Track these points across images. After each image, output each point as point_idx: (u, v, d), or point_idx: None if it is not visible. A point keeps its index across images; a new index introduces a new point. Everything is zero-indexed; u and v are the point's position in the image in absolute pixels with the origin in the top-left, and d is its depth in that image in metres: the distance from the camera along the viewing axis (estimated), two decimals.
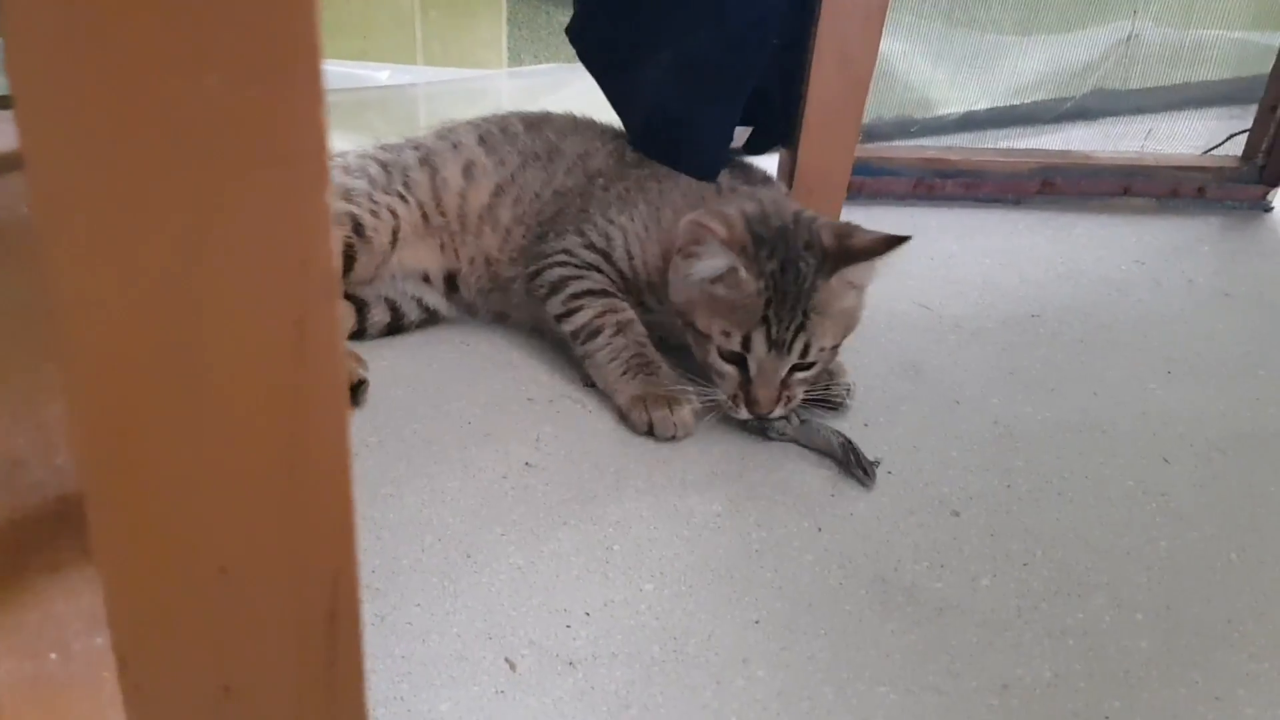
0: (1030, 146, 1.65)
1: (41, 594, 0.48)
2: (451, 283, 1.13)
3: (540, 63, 1.53)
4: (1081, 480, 0.94)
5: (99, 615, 0.46)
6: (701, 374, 0.98)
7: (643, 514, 0.86)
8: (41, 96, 0.27)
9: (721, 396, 0.95)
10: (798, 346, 0.92)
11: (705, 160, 1.16)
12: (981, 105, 1.77)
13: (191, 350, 0.30)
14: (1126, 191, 1.55)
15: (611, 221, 1.06)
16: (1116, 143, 1.66)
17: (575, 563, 0.80)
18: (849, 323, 0.97)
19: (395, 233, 1.08)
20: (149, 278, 0.29)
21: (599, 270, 1.05)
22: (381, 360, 1.04)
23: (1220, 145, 1.60)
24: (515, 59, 1.51)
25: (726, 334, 0.93)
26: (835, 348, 0.96)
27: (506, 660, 0.71)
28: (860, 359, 1.10)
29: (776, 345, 0.91)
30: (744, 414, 0.94)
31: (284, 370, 0.31)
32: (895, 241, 0.94)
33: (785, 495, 0.89)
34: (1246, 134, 1.56)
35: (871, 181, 1.50)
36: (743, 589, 0.79)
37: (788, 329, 0.91)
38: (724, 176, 1.11)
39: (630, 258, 1.05)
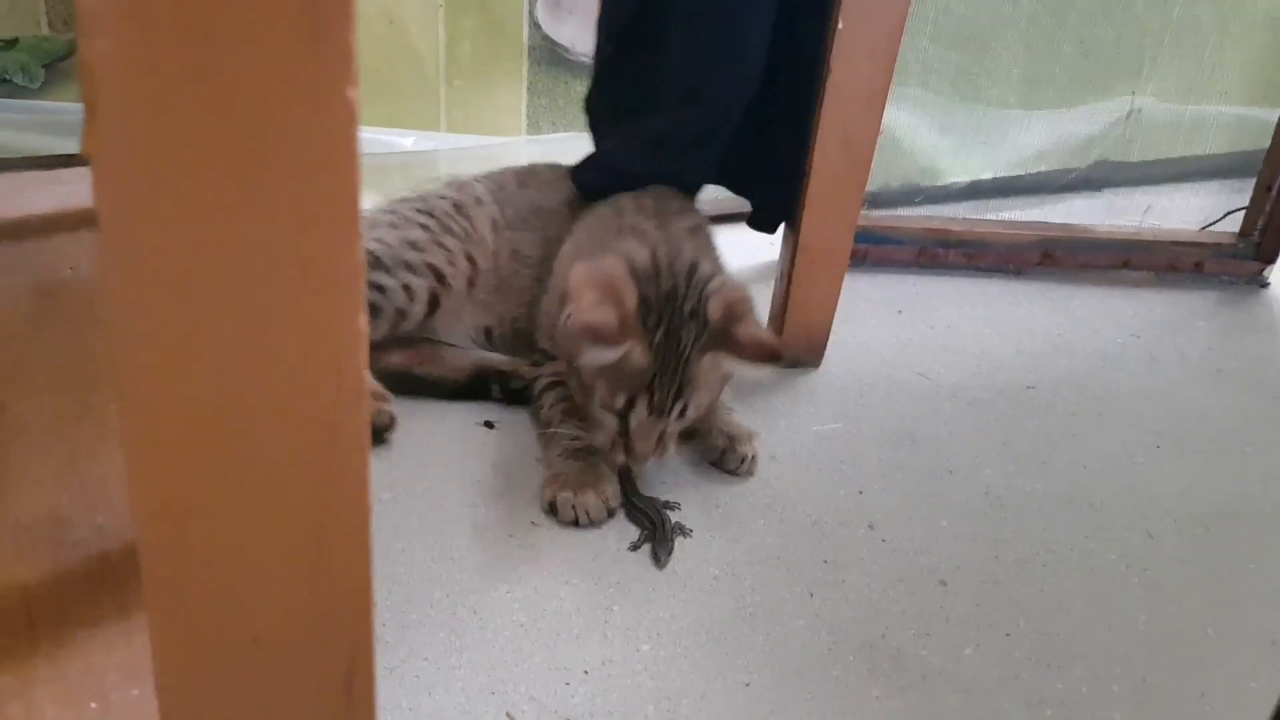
0: (1034, 217, 1.70)
1: (82, 647, 0.52)
2: (489, 336, 1.18)
3: (558, 130, 1.59)
4: (1067, 552, 0.98)
5: (136, 668, 0.51)
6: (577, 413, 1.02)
7: (642, 576, 0.90)
8: (126, 222, 0.31)
9: (599, 439, 0.98)
10: (676, 409, 0.95)
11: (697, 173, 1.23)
12: (986, 175, 1.82)
13: (240, 446, 0.35)
14: (1125, 265, 1.60)
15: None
16: (1117, 216, 1.71)
17: (576, 622, 0.84)
18: (726, 380, 1.01)
19: (470, 278, 1.13)
20: (208, 384, 0.33)
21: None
22: (399, 414, 1.08)
23: (1218, 222, 1.64)
24: (534, 126, 1.57)
25: (612, 394, 0.94)
26: (713, 401, 1.00)
27: (508, 715, 0.75)
28: (857, 426, 1.14)
29: (657, 409, 0.94)
30: (620, 460, 0.97)
31: (317, 466, 0.35)
32: (773, 357, 0.95)
33: (780, 561, 0.93)
34: (1243, 211, 1.61)
35: (876, 250, 1.55)
36: (735, 651, 0.82)
37: (668, 395, 0.94)
38: (630, 206, 1.13)
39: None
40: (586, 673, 0.79)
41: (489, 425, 1.10)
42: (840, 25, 1.09)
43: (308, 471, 0.35)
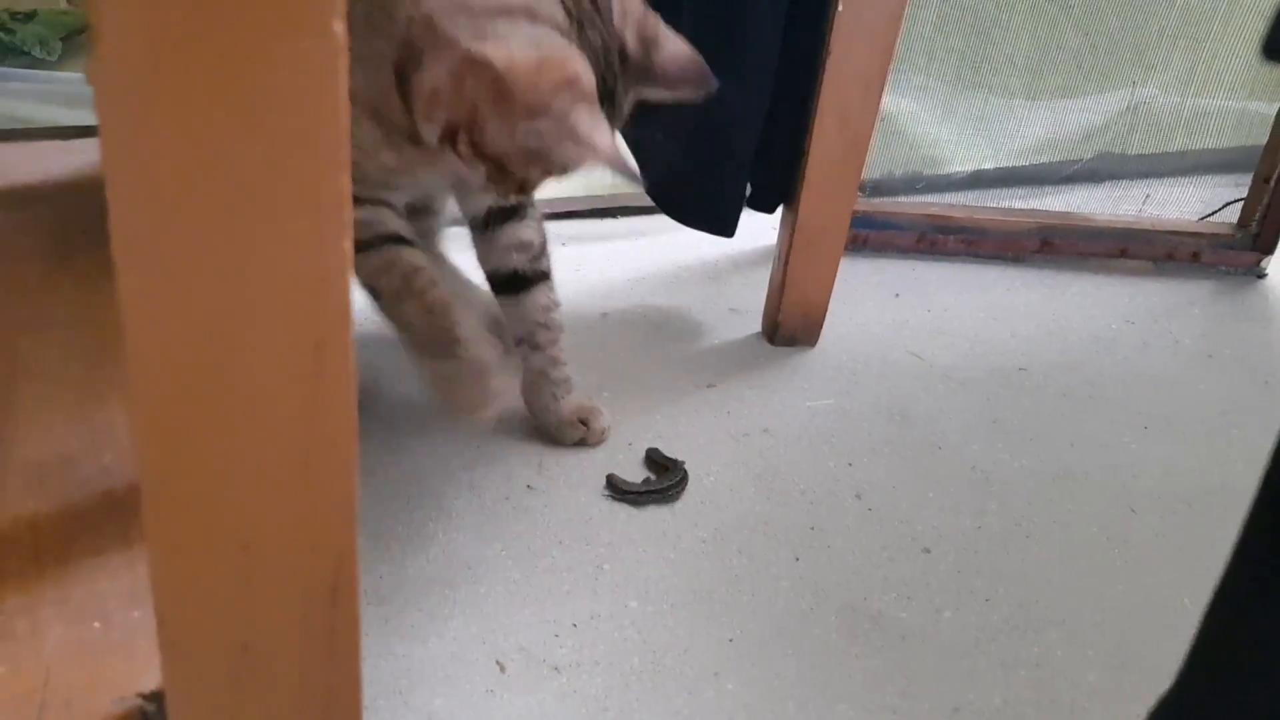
0: (1035, 206, 1.71)
1: (87, 573, 0.55)
2: None
3: None
4: (1049, 525, 1.00)
5: (137, 594, 0.53)
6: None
7: (633, 537, 0.92)
8: (126, 143, 0.34)
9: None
10: None
11: (725, 220, 1.25)
12: (989, 165, 1.83)
13: (232, 364, 0.37)
14: (1123, 254, 1.61)
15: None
16: (1116, 206, 1.72)
17: (567, 579, 0.87)
18: None
19: None
20: (202, 300, 0.36)
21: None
22: (401, 386, 1.11)
23: (1217, 212, 1.66)
24: None
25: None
26: None
27: (497, 663, 0.77)
28: (849, 402, 1.17)
29: None
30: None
31: (305, 384, 0.38)
32: (702, 79, 0.82)
33: (768, 527, 0.95)
34: (1242, 202, 1.62)
35: (876, 235, 1.57)
36: (721, 610, 0.85)
37: None
38: None
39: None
40: (575, 626, 0.82)
41: None
42: (840, 8, 1.11)
43: (296, 386, 0.38)
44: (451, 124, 0.75)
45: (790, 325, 1.27)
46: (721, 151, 1.22)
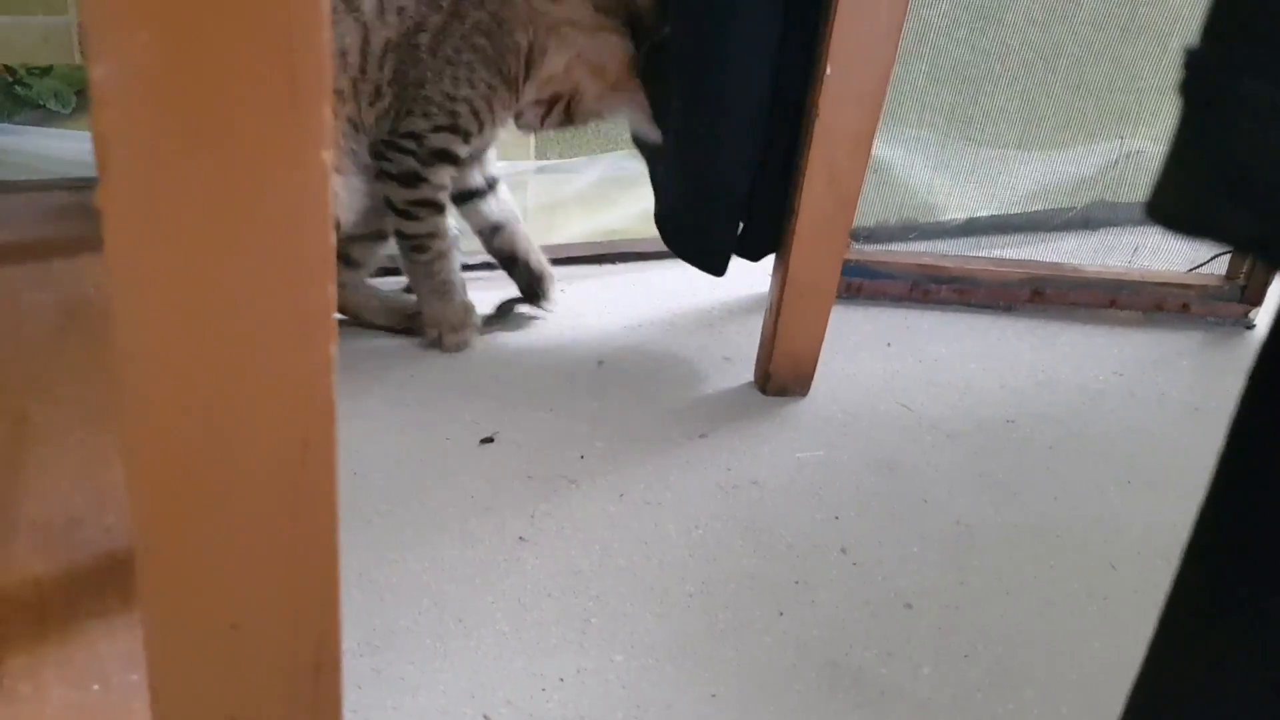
0: (1027, 254, 1.74)
1: (89, 635, 0.58)
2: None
3: (564, 158, 1.66)
4: (1030, 581, 1.02)
5: (135, 656, 0.56)
6: None
7: (620, 590, 0.95)
8: (131, 264, 0.37)
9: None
10: None
11: (716, 259, 1.29)
12: (983, 212, 1.86)
13: (225, 456, 0.40)
14: (1113, 304, 1.64)
15: (452, 97, 1.20)
16: (1107, 256, 1.75)
17: (555, 631, 0.89)
18: None
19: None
20: (198, 401, 0.39)
21: (447, 160, 1.23)
22: (401, 435, 1.14)
23: (1205, 264, 1.69)
24: (542, 154, 1.63)
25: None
26: None
27: (485, 717, 0.80)
28: (838, 454, 1.19)
29: None
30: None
31: (291, 476, 0.41)
32: None
33: (753, 581, 0.98)
34: (1230, 254, 1.65)
35: (869, 284, 1.60)
36: (704, 665, 0.87)
37: None
38: None
39: (481, 126, 1.24)
40: (562, 680, 0.84)
41: (488, 441, 1.15)
42: (828, 71, 1.14)
43: (283, 479, 0.40)
44: (556, 95, 1.27)
45: (781, 376, 1.30)
46: (714, 192, 1.25)
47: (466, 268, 1.43)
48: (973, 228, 1.85)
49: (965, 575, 1.02)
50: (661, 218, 1.33)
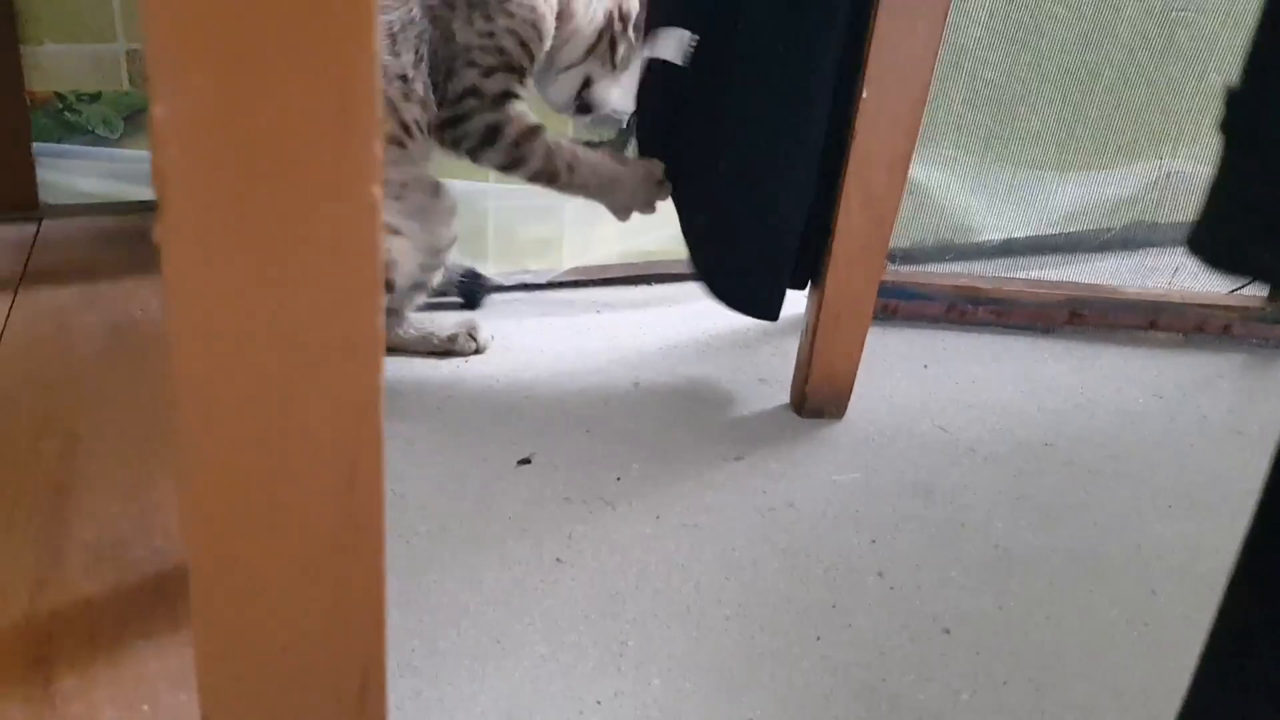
0: (1066, 275, 1.74)
1: (138, 655, 0.59)
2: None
3: None
4: (1070, 606, 1.01)
5: (184, 676, 0.57)
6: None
7: (657, 613, 0.95)
8: (189, 296, 0.38)
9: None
10: None
11: (769, 303, 1.28)
12: (1020, 233, 1.85)
13: (276, 481, 0.41)
14: (1153, 326, 1.63)
15: (492, 34, 1.17)
16: (1146, 277, 1.74)
17: (592, 654, 0.89)
18: None
19: None
20: (252, 428, 0.40)
21: (512, 94, 1.20)
22: (439, 456, 1.15)
23: (1247, 284, 1.67)
24: None
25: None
26: None
27: None
28: (875, 476, 1.19)
29: None
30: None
31: (340, 501, 0.41)
32: None
33: (790, 604, 0.98)
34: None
35: (906, 305, 1.60)
36: (741, 689, 0.87)
37: None
38: None
39: (531, 57, 1.21)
40: (599, 703, 0.84)
41: (526, 462, 1.16)
42: (865, 95, 1.15)
43: (332, 503, 0.41)
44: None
45: (818, 398, 1.30)
46: (768, 239, 1.25)
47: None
48: (1010, 249, 1.84)
49: (1004, 600, 1.01)
50: (704, 269, 1.31)
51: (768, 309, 1.28)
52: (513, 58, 1.19)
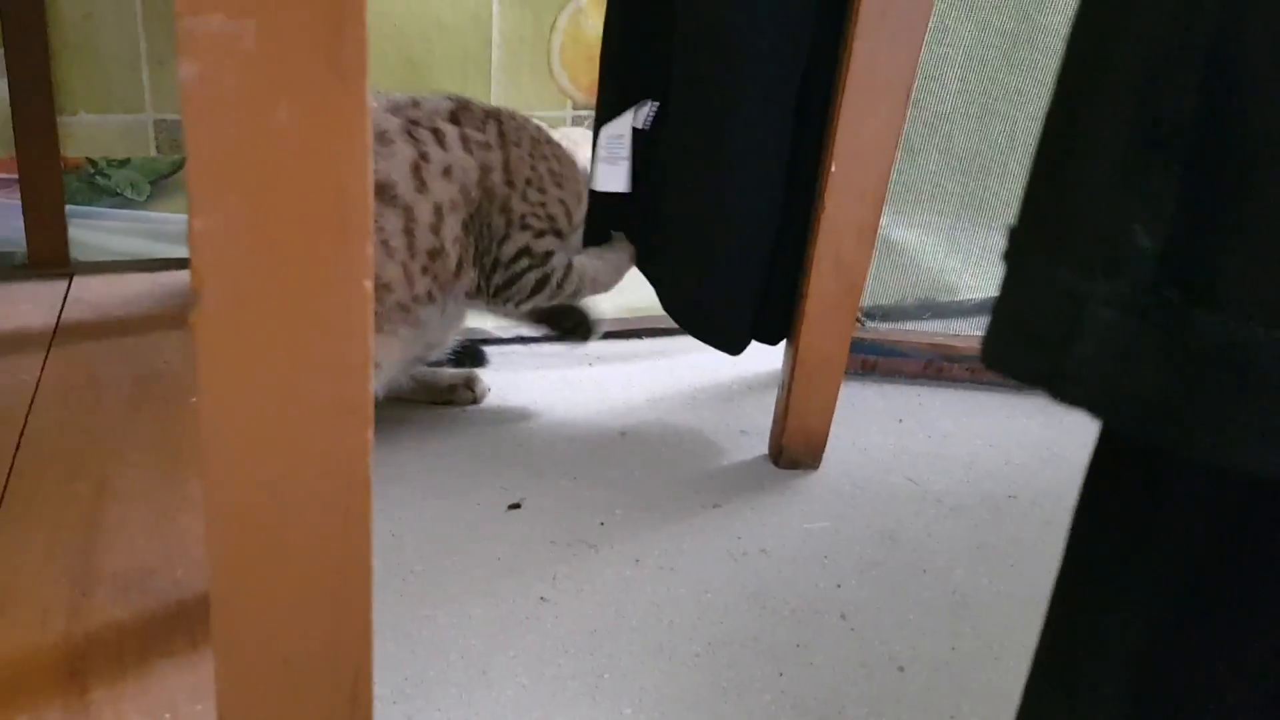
0: None
1: (160, 672, 0.67)
2: None
3: None
4: (1018, 647, 1.09)
5: (201, 690, 0.65)
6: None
7: (632, 649, 1.03)
8: (219, 359, 0.47)
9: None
10: None
11: (733, 339, 1.38)
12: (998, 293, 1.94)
13: (281, 524, 0.49)
14: None
15: (543, 203, 1.33)
16: None
17: (570, 686, 0.97)
18: None
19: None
20: (265, 476, 0.48)
21: (555, 252, 1.35)
22: (435, 499, 1.23)
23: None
24: None
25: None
26: None
27: None
28: (844, 525, 1.27)
29: None
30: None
31: (334, 541, 0.50)
32: None
33: (756, 643, 1.06)
34: None
35: (885, 361, 1.68)
36: None
37: None
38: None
39: (571, 221, 1.36)
40: None
41: (515, 507, 1.24)
42: (833, 169, 1.24)
43: (328, 540, 0.50)
44: None
45: (794, 450, 1.38)
46: (728, 272, 1.34)
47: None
48: (988, 307, 1.93)
49: (957, 641, 1.09)
50: (671, 301, 1.41)
51: (729, 345, 1.40)
52: (559, 223, 1.35)
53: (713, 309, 1.39)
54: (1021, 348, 0.36)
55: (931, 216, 1.85)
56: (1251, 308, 0.32)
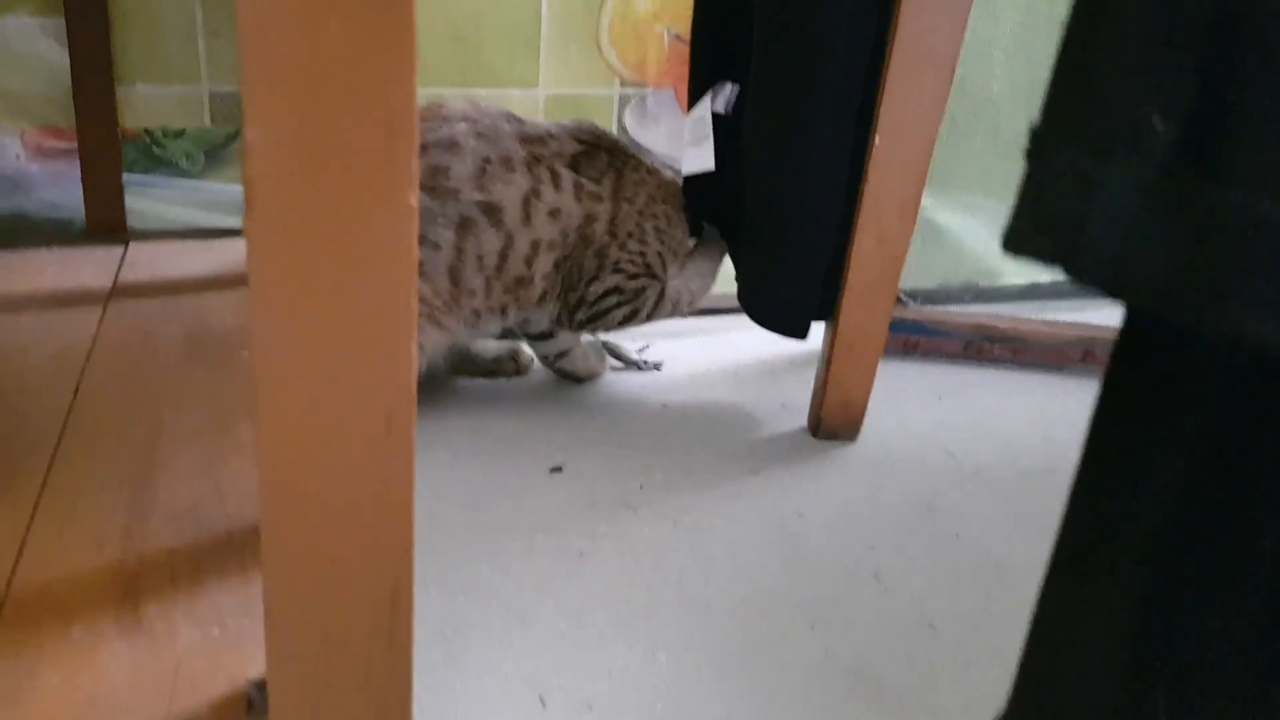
0: (1081, 319, 1.81)
1: (210, 591, 0.70)
2: None
3: None
4: None
5: (249, 606, 0.68)
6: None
7: (667, 602, 1.05)
8: (266, 269, 0.49)
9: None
10: None
11: (797, 323, 1.39)
12: (1045, 278, 1.94)
13: (329, 428, 0.52)
14: None
15: (643, 254, 1.37)
16: None
17: (606, 633, 0.99)
18: None
19: None
20: (309, 385, 0.51)
21: (647, 287, 1.39)
22: (479, 462, 1.26)
23: None
24: None
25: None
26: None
27: (539, 698, 0.90)
28: (880, 493, 1.28)
29: None
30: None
31: (379, 444, 0.52)
32: None
33: (789, 599, 1.07)
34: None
35: (926, 341, 1.69)
36: (739, 666, 0.97)
37: None
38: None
39: (665, 268, 1.40)
40: (610, 673, 0.94)
41: (557, 470, 1.27)
42: (877, 142, 1.25)
43: (372, 445, 0.52)
44: None
45: (832, 422, 1.40)
46: (798, 260, 1.36)
47: None
48: (1033, 293, 1.93)
49: (990, 603, 1.10)
50: (745, 293, 1.43)
51: (795, 329, 1.39)
52: (655, 270, 1.40)
53: (785, 298, 1.39)
54: (1039, 230, 0.38)
55: (977, 199, 1.85)
56: (1263, 184, 0.33)
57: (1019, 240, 0.39)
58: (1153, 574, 0.44)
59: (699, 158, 1.36)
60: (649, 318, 1.42)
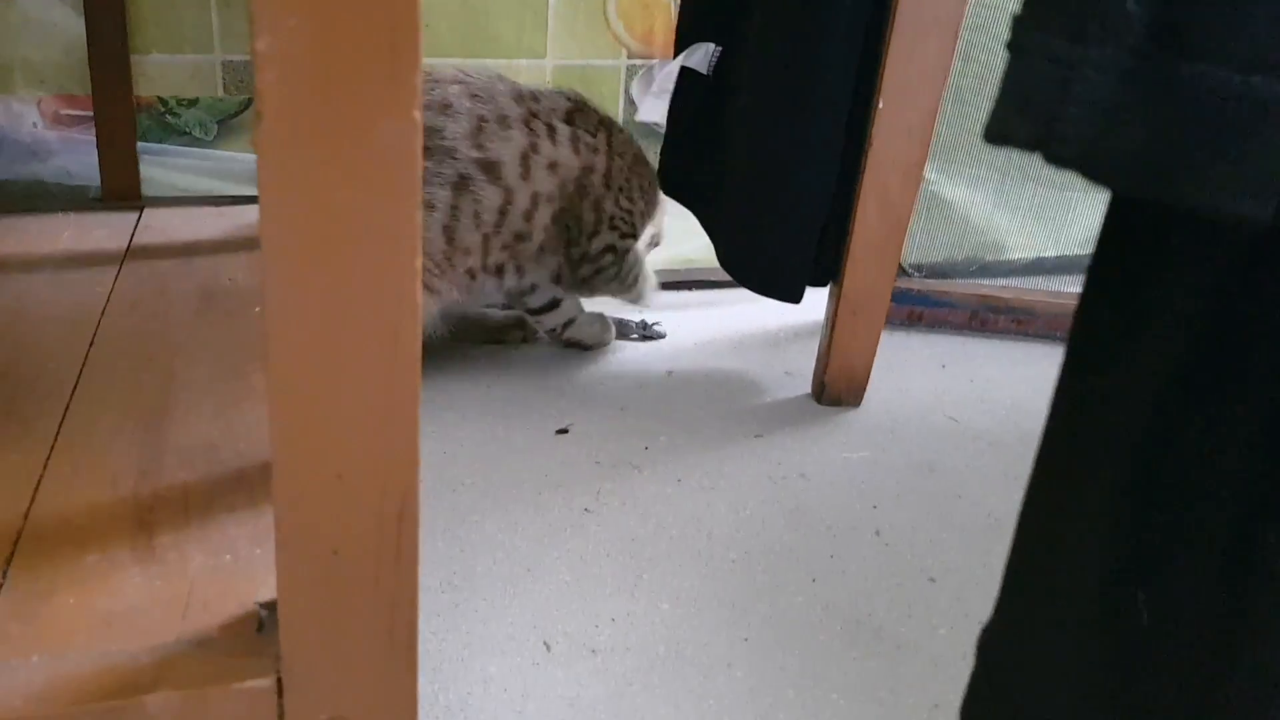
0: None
1: (222, 522, 0.72)
2: None
3: None
4: None
5: (259, 537, 0.70)
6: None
7: (671, 555, 1.06)
8: (276, 185, 0.51)
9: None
10: None
11: (792, 287, 1.39)
12: (1050, 253, 1.95)
13: (336, 345, 0.53)
14: None
15: (629, 210, 1.43)
16: None
17: (611, 584, 1.01)
18: None
19: None
20: (319, 303, 0.53)
21: (630, 251, 1.44)
22: (487, 422, 1.28)
23: None
24: None
25: None
26: None
27: (544, 643, 0.92)
28: (883, 455, 1.29)
29: None
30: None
31: (385, 361, 0.54)
32: None
33: (791, 553, 1.08)
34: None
35: (930, 312, 1.70)
36: (740, 615, 0.98)
37: None
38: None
39: (639, 232, 1.46)
40: (613, 620, 0.96)
41: (563, 431, 1.28)
42: (881, 105, 1.26)
43: (378, 362, 0.54)
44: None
45: (836, 387, 1.41)
46: (789, 219, 1.36)
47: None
48: (1038, 267, 1.93)
49: (989, 559, 1.11)
50: (729, 256, 1.44)
51: (788, 293, 1.39)
52: (636, 230, 1.46)
53: (775, 259, 1.40)
54: (1017, 116, 0.39)
55: (982, 173, 1.86)
56: (1234, 59, 0.35)
57: (999, 129, 0.40)
58: (1132, 467, 0.45)
59: (654, 108, 1.41)
60: (623, 283, 1.47)
